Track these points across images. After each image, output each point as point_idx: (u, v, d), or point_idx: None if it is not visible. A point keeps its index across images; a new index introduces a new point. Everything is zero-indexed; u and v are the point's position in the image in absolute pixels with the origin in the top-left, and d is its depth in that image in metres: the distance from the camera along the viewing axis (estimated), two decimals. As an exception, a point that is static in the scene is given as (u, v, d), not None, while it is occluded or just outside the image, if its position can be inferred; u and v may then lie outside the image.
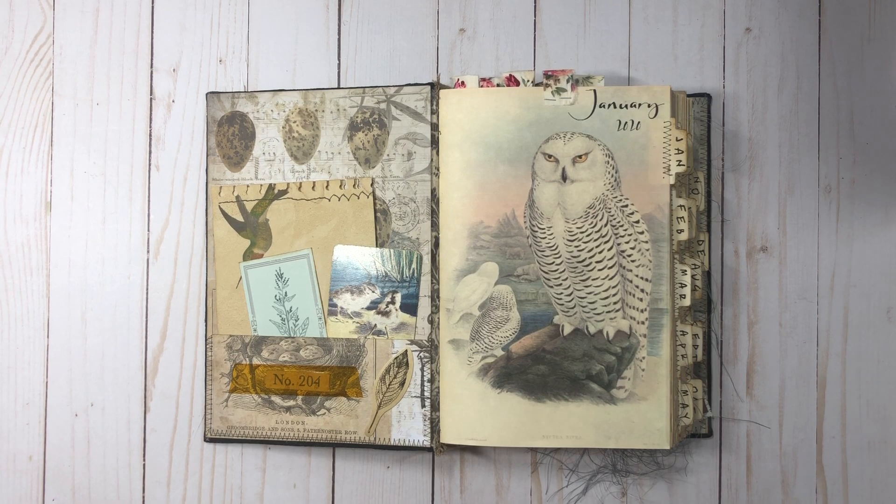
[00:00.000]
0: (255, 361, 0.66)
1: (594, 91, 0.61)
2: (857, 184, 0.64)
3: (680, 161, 0.59)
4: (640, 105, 0.60)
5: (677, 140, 0.60)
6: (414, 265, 0.64)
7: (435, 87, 0.64)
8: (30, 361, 0.71)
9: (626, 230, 0.60)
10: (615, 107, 0.61)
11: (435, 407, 0.64)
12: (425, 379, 0.64)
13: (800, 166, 0.65)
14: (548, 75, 0.62)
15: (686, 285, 0.61)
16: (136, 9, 0.70)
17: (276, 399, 0.66)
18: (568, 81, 0.61)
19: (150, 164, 0.70)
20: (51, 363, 0.71)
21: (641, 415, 0.60)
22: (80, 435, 0.70)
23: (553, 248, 0.61)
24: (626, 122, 0.60)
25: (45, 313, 0.71)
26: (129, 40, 0.70)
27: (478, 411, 0.62)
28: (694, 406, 0.62)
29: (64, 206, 0.71)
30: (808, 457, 0.65)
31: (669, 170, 0.60)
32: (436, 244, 0.64)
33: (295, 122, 0.66)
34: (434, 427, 0.64)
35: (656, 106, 0.60)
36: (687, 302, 0.61)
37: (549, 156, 0.61)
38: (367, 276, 0.65)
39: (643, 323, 0.60)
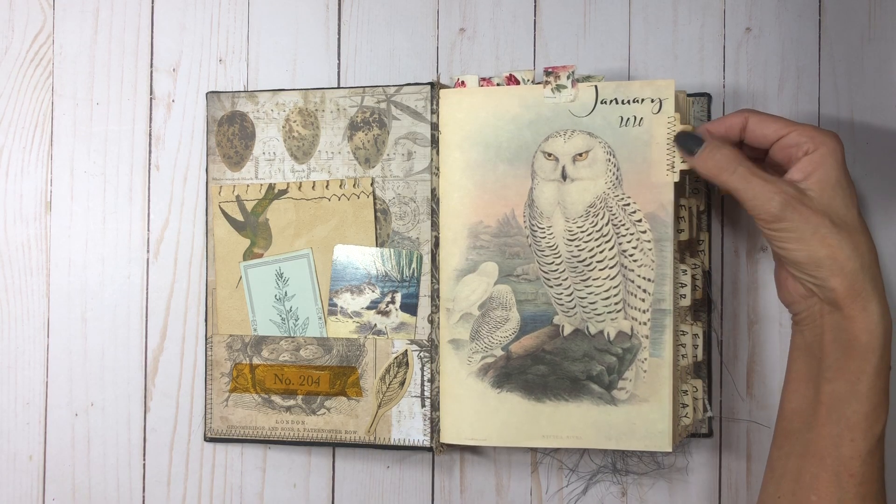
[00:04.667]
0: (256, 361, 0.64)
1: (595, 87, 0.58)
2: (856, 184, 0.62)
3: (684, 158, 0.57)
4: (642, 100, 0.58)
5: (682, 136, 0.57)
6: (414, 265, 0.62)
7: (435, 86, 0.62)
8: (30, 361, 0.69)
9: (627, 229, 0.58)
10: (617, 103, 0.58)
11: (435, 407, 0.62)
12: (425, 379, 0.62)
13: (800, 166, 0.63)
14: (548, 72, 0.59)
15: (686, 285, 0.59)
16: (136, 9, 0.68)
17: (277, 399, 0.64)
18: (568, 78, 0.59)
19: (150, 164, 0.68)
20: (51, 363, 0.69)
21: (643, 416, 0.58)
22: (80, 435, 0.68)
23: (553, 247, 0.59)
24: (628, 119, 0.58)
25: (45, 313, 0.69)
26: (129, 40, 0.68)
27: (478, 411, 0.60)
28: (694, 406, 0.60)
29: (64, 206, 0.68)
30: (808, 457, 0.63)
31: (673, 167, 0.57)
32: (436, 244, 0.62)
33: (295, 121, 0.64)
34: (434, 427, 0.62)
35: (660, 101, 0.57)
36: (687, 302, 0.59)
37: (549, 154, 0.59)
38: (367, 276, 0.63)
39: (645, 324, 0.58)
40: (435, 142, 0.61)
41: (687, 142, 0.54)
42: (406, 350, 0.62)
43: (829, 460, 0.51)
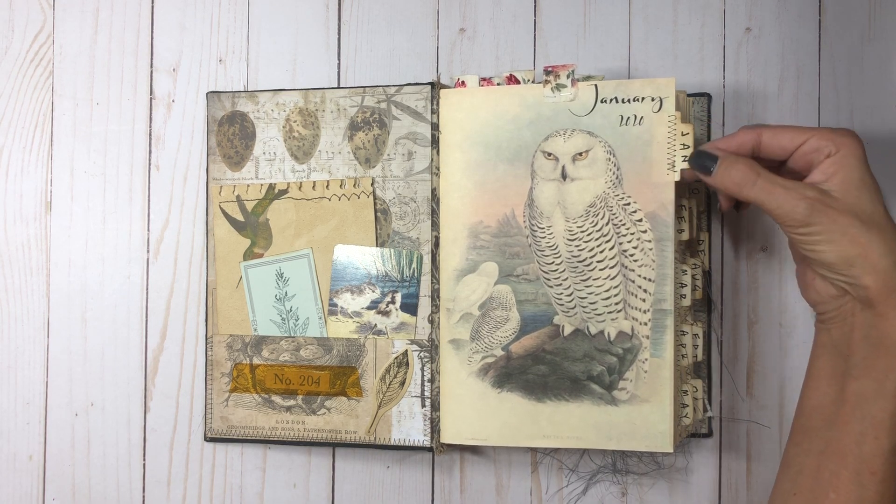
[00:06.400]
0: (256, 361, 0.63)
1: (595, 86, 0.57)
2: (857, 184, 0.61)
3: (685, 157, 0.56)
4: (643, 99, 0.57)
5: (683, 134, 0.56)
6: (414, 265, 0.61)
7: (435, 86, 0.61)
8: (30, 361, 0.68)
9: (628, 229, 0.57)
10: (617, 101, 0.57)
11: (435, 407, 0.61)
12: (425, 379, 0.61)
13: (800, 165, 0.62)
14: (548, 71, 0.58)
15: (686, 285, 0.58)
16: (136, 9, 0.67)
17: (277, 399, 0.63)
18: (568, 77, 0.58)
19: (150, 164, 0.67)
20: (51, 363, 0.68)
21: (644, 417, 0.57)
22: (80, 435, 0.67)
23: (553, 247, 0.58)
24: (628, 118, 0.57)
25: (45, 313, 0.68)
26: (129, 40, 0.67)
27: (478, 411, 0.59)
28: (694, 406, 0.59)
29: (64, 206, 0.67)
30: (809, 457, 0.62)
31: (674, 166, 0.56)
32: (436, 244, 0.61)
33: (295, 121, 0.63)
34: (434, 427, 0.61)
35: (660, 99, 0.56)
36: (687, 302, 0.58)
37: (549, 154, 0.58)
38: (367, 276, 0.62)
39: (646, 324, 0.57)
40: (435, 142, 0.61)
41: (701, 160, 0.53)
42: (406, 350, 0.61)
43: (851, 458, 0.50)
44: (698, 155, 0.53)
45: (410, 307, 0.61)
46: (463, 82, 0.60)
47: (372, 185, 0.62)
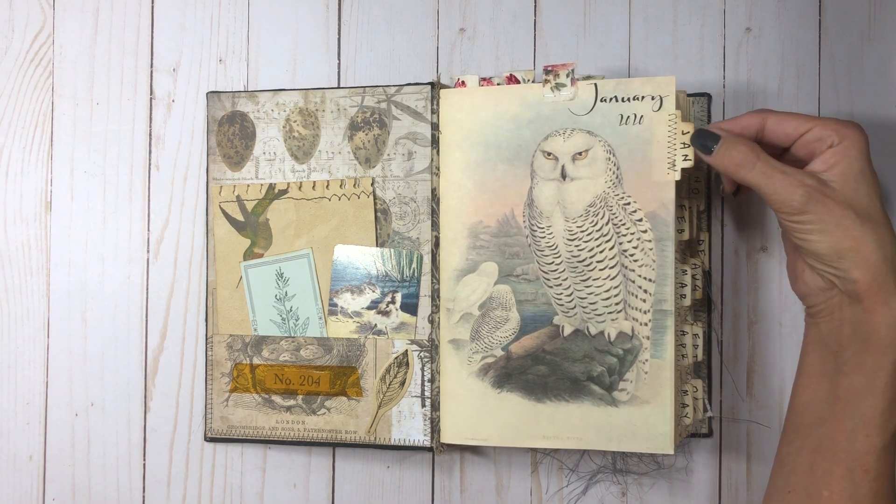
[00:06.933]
0: (256, 361, 0.63)
1: (595, 85, 0.57)
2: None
3: (686, 156, 0.55)
4: (643, 98, 0.56)
5: (683, 133, 0.56)
6: (414, 265, 0.61)
7: (435, 86, 0.61)
8: (30, 361, 0.67)
9: (628, 229, 0.57)
10: (617, 100, 0.57)
11: (435, 407, 0.61)
12: (425, 379, 0.61)
13: (800, 165, 0.62)
14: (547, 70, 0.58)
15: (686, 285, 0.58)
16: (136, 9, 0.67)
17: (277, 399, 0.63)
18: (568, 76, 0.58)
19: (150, 164, 0.67)
20: (51, 363, 0.67)
21: (644, 418, 0.57)
22: (80, 435, 0.67)
23: (553, 247, 0.58)
24: (628, 117, 0.57)
25: (45, 313, 0.68)
26: (129, 40, 0.67)
27: (478, 411, 0.59)
28: (694, 406, 0.59)
29: (64, 206, 0.67)
30: (809, 457, 0.61)
31: (675, 165, 0.56)
32: (436, 244, 0.60)
33: (295, 121, 0.63)
34: (434, 427, 0.61)
35: (660, 98, 0.56)
36: (687, 302, 0.58)
37: (549, 153, 0.58)
38: (367, 276, 0.62)
39: (646, 324, 0.57)
40: (435, 142, 0.60)
41: (703, 139, 0.53)
42: (406, 350, 0.61)
43: (843, 455, 0.49)
44: (700, 134, 0.53)
45: (410, 307, 0.61)
46: (463, 82, 0.60)
47: (372, 185, 0.62)
